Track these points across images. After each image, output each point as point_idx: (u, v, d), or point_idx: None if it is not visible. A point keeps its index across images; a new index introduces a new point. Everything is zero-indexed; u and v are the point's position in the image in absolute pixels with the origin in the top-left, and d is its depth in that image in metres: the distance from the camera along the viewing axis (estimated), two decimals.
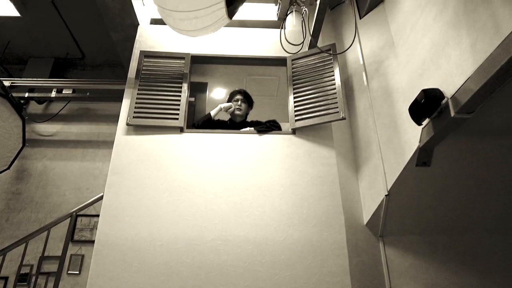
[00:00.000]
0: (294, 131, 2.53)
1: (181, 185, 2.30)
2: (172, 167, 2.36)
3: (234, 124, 2.86)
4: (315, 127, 2.52)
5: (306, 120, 2.50)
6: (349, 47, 2.35)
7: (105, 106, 4.11)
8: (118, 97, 3.11)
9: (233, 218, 2.21)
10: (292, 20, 2.89)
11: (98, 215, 3.12)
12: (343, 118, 2.41)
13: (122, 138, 2.46)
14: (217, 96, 4.08)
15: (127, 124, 2.47)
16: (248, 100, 2.97)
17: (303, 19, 2.56)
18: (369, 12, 2.76)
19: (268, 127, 2.60)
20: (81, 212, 3.05)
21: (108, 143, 3.84)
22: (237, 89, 3.06)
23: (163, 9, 1.49)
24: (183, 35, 1.79)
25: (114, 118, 3.17)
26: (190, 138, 2.48)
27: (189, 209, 2.22)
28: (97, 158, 3.82)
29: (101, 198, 2.55)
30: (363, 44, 2.82)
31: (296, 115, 2.54)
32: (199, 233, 2.16)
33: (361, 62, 2.77)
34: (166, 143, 2.45)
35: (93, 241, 2.94)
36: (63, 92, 3.88)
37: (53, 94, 3.85)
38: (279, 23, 2.74)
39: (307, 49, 2.76)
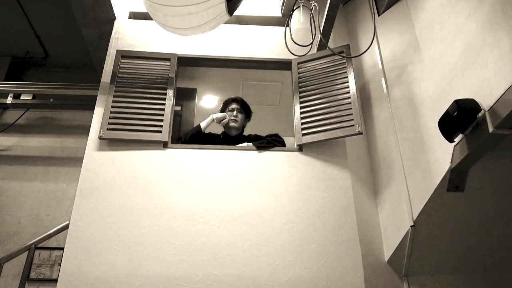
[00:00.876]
0: (300, 148, 2.54)
1: (164, 212, 2.28)
2: (154, 190, 2.34)
3: (228, 138, 2.87)
4: (326, 143, 2.53)
5: (315, 135, 2.51)
6: (367, 49, 2.39)
7: (72, 115, 4.10)
8: (88, 105, 3.11)
9: (227, 252, 2.19)
10: (299, 17, 2.95)
11: (61, 248, 3.09)
12: (360, 133, 2.43)
13: (93, 154, 2.45)
14: (208, 104, 4.10)
15: (100, 138, 2.46)
16: (245, 110, 2.99)
17: (312, 15, 2.61)
18: (389, 8, 2.82)
19: (270, 142, 2.61)
20: (40, 245, 3.01)
21: (74, 160, 3.82)
22: (232, 96, 3.08)
23: (151, 2, 1.51)
24: (171, 33, 1.81)
25: (83, 130, 3.16)
26: (175, 155, 2.48)
27: (173, 242, 2.20)
28: (60, 178, 3.79)
29: (66, 227, 2.52)
30: (382, 45, 2.87)
31: (303, 129, 2.55)
32: (186, 271, 2.13)
33: (380, 66, 2.81)
34: (147, 160, 2.44)
35: (53, 280, 2.89)
36: (21, 97, 3.88)
37: (9, 100, 3.85)
38: (284, 20, 2.79)
39: (316, 51, 2.80)
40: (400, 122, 2.53)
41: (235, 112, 2.93)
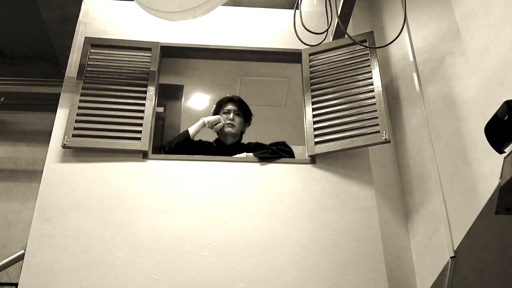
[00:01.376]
0: (313, 159, 2.55)
1: (144, 239, 2.27)
2: (130, 211, 2.34)
3: (223, 147, 2.88)
4: (345, 153, 2.54)
5: (331, 143, 2.52)
6: (396, 38, 2.40)
7: (29, 118, 4.11)
8: (49, 106, 3.11)
9: None
10: None
11: (14, 284, 3.08)
12: (387, 141, 2.44)
13: (56, 167, 2.45)
14: (198, 105, 4.11)
15: (64, 147, 2.46)
16: (243, 112, 3.00)
17: None
18: None
19: (274, 152, 2.61)
20: None
21: (30, 174, 3.82)
22: (228, 95, 3.10)
23: None
24: (154, 17, 1.81)
25: (43, 137, 3.16)
26: (157, 168, 2.48)
27: (154, 276, 2.19)
28: (12, 196, 3.78)
29: (20, 257, 2.51)
30: (413, 33, 2.88)
31: (316, 136, 2.56)
32: None
33: (411, 59, 2.82)
34: (122, 174, 2.44)
35: None
36: None
37: None
38: (293, 1, 2.80)
39: (332, 40, 2.82)
40: (437, 127, 2.53)
41: (231, 115, 2.93)
